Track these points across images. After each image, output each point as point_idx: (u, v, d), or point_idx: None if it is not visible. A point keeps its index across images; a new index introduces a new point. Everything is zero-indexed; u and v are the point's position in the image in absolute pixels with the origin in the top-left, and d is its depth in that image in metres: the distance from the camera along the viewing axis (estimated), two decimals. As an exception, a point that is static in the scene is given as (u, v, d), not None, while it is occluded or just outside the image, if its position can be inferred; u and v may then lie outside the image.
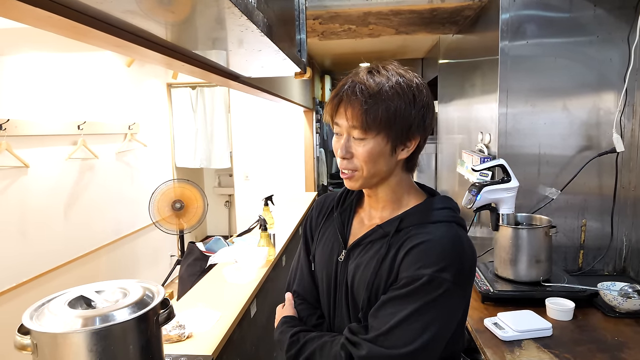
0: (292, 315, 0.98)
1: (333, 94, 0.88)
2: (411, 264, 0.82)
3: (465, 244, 0.85)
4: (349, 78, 0.87)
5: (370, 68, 0.87)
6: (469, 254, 0.85)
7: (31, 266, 2.72)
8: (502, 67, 1.83)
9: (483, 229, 2.15)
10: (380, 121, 0.83)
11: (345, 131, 0.87)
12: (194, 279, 2.31)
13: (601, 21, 1.77)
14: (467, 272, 0.84)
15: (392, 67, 0.87)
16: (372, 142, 0.85)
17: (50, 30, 0.88)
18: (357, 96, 0.83)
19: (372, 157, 0.85)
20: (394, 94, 0.83)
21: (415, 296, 0.80)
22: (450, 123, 2.93)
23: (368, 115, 0.82)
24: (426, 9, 2.07)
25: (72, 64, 3.17)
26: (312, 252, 1.03)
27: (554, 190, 1.84)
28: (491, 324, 1.39)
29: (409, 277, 0.81)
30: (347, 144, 0.87)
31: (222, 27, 0.97)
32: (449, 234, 0.85)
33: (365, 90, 0.83)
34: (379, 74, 0.85)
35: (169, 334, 1.37)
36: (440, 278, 0.79)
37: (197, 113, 5.15)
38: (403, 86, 0.84)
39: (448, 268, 0.80)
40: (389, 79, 0.84)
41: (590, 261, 1.87)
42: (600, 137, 1.82)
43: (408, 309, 0.79)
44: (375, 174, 0.88)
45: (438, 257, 0.81)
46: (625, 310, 1.45)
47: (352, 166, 0.88)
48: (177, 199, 3.77)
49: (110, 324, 0.84)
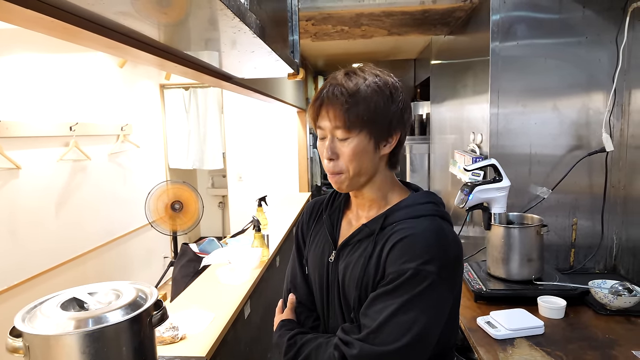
0: (290, 318, 0.99)
1: (314, 99, 0.91)
2: (396, 258, 0.83)
3: (449, 236, 0.86)
4: (327, 82, 0.91)
5: (347, 71, 0.91)
6: (453, 246, 0.86)
7: (23, 268, 2.70)
8: (493, 67, 1.85)
9: (475, 228, 2.17)
10: (362, 118, 0.86)
11: (329, 132, 0.89)
12: (187, 280, 2.30)
13: (590, 22, 1.80)
14: (453, 264, 0.85)
15: (367, 68, 0.91)
16: (355, 140, 0.87)
17: (40, 31, 0.87)
18: (338, 97, 0.86)
19: (357, 155, 0.87)
20: (372, 91, 0.86)
21: (401, 290, 0.81)
22: (442, 123, 2.95)
23: (350, 113, 0.85)
24: (418, 10, 2.08)
25: (64, 64, 3.15)
26: (304, 255, 1.05)
27: (545, 189, 1.85)
28: (484, 323, 1.40)
29: (394, 272, 0.82)
30: (332, 145, 0.89)
31: (214, 29, 0.97)
32: (432, 227, 0.86)
33: (345, 91, 0.86)
34: (355, 75, 0.89)
35: (163, 336, 1.37)
36: (424, 271, 0.80)
37: (190, 114, 5.13)
38: (380, 84, 0.88)
39: (432, 261, 0.81)
40: (366, 79, 0.88)
41: (581, 259, 1.89)
42: (590, 136, 1.84)
43: (395, 304, 0.80)
44: (361, 172, 0.89)
45: (422, 250, 0.82)
46: (615, 308, 1.47)
47: (338, 169, 0.89)
48: (176, 200, 3.76)
49: (103, 326, 0.84)
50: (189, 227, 3.83)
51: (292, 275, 1.06)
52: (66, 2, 0.76)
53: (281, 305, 1.04)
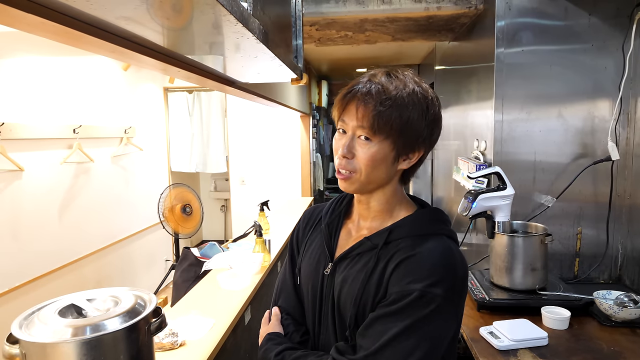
0: (277, 332, 0.94)
1: (345, 91, 0.84)
2: (401, 278, 0.79)
3: (457, 257, 0.82)
4: (365, 77, 0.84)
5: (388, 71, 0.84)
6: (460, 268, 0.82)
7: (25, 270, 2.70)
8: (498, 74, 1.84)
9: (479, 236, 2.15)
10: (391, 126, 0.79)
11: (351, 130, 0.83)
12: (188, 285, 2.29)
13: (596, 30, 1.78)
14: (460, 288, 0.81)
15: (408, 73, 0.84)
16: (377, 146, 0.81)
17: (43, 36, 0.87)
18: (373, 96, 0.80)
19: (374, 161, 0.82)
20: (409, 101, 0.80)
21: (405, 313, 0.76)
22: (446, 129, 2.94)
23: (380, 118, 0.79)
24: (422, 16, 2.07)
25: (68, 67, 3.16)
26: (297, 265, 0.99)
27: (549, 197, 1.84)
28: (487, 333, 1.39)
29: (398, 293, 0.78)
30: (351, 144, 0.83)
31: (218, 34, 0.97)
32: (439, 247, 0.81)
33: (383, 92, 0.80)
34: (396, 78, 0.82)
35: (162, 342, 1.36)
36: (431, 293, 0.75)
37: (194, 117, 5.14)
38: (419, 96, 0.82)
39: (439, 283, 0.76)
40: (406, 85, 0.81)
41: (585, 269, 1.87)
42: (595, 144, 1.83)
43: (398, 327, 0.76)
44: (373, 180, 0.85)
45: (429, 271, 0.77)
46: (621, 320, 1.45)
47: (351, 167, 0.84)
48: (187, 203, 3.77)
49: (100, 334, 0.83)
50: (192, 232, 3.84)
51: (282, 285, 1.01)
52: (69, 6, 0.75)
53: (267, 316, 0.99)
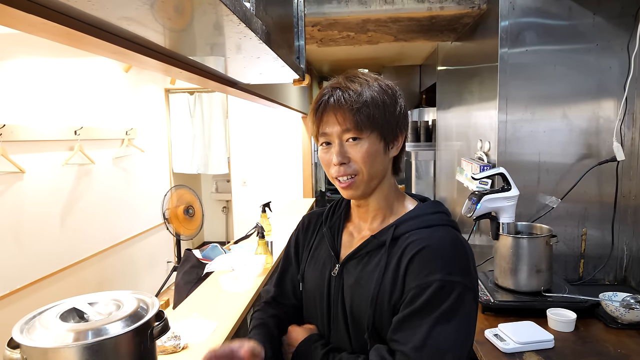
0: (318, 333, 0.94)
1: (314, 107, 0.88)
2: (418, 271, 0.80)
3: (465, 245, 0.85)
4: (328, 88, 0.88)
5: (347, 75, 0.88)
6: (470, 254, 0.84)
7: (26, 273, 2.69)
8: (502, 74, 1.83)
9: (483, 237, 2.13)
10: (373, 118, 0.83)
11: (337, 137, 0.85)
12: (190, 287, 2.28)
13: (601, 29, 1.77)
14: (474, 273, 0.83)
15: (365, 73, 0.90)
16: (367, 141, 0.84)
17: (44, 36, 0.86)
18: (346, 99, 0.84)
19: (370, 156, 0.84)
20: (379, 92, 0.85)
21: (431, 306, 0.76)
22: (448, 130, 2.92)
23: (361, 114, 0.83)
24: (425, 16, 2.06)
25: (69, 69, 3.16)
26: (301, 271, 1.01)
27: (554, 198, 1.82)
28: (492, 335, 1.37)
29: (418, 287, 0.78)
30: (342, 150, 0.85)
31: (220, 35, 0.96)
32: (448, 237, 0.84)
33: (353, 93, 0.84)
34: (357, 78, 0.87)
35: (164, 345, 1.35)
36: (451, 282, 0.77)
37: (195, 118, 5.14)
38: (384, 86, 0.87)
39: (456, 271, 0.79)
40: (368, 82, 0.86)
41: (590, 270, 1.85)
42: (600, 145, 1.81)
43: (429, 322, 0.75)
44: (374, 175, 0.87)
45: (444, 261, 0.79)
46: (627, 322, 1.43)
47: (351, 170, 0.85)
48: (190, 205, 3.76)
49: (102, 338, 0.82)
50: (194, 233, 3.83)
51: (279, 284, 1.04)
52: (70, 7, 0.74)
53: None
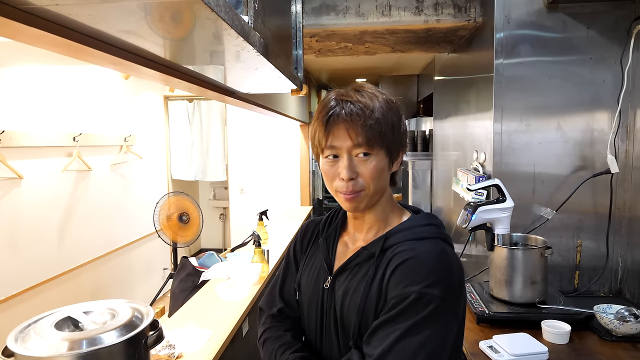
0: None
1: (321, 118, 0.85)
2: (398, 282, 0.80)
3: (452, 259, 0.83)
4: (337, 99, 0.85)
5: (356, 88, 0.88)
6: (456, 269, 0.83)
7: (22, 279, 2.68)
8: (497, 85, 1.85)
9: (478, 248, 2.14)
10: (384, 135, 0.84)
11: (346, 152, 0.84)
12: (185, 295, 2.27)
13: (594, 43, 1.79)
14: (457, 288, 0.82)
15: (370, 86, 0.90)
16: (376, 158, 0.84)
17: (44, 48, 0.87)
18: (358, 114, 0.82)
19: (378, 173, 0.85)
20: (387, 109, 0.85)
21: (405, 315, 0.77)
22: (445, 140, 2.94)
23: (373, 130, 0.82)
24: (422, 28, 2.09)
25: (68, 76, 3.17)
26: (297, 280, 1.01)
27: (549, 210, 1.83)
28: (486, 347, 1.37)
29: (397, 297, 0.79)
30: (352, 164, 0.84)
31: (218, 47, 0.97)
32: (435, 249, 0.83)
33: (365, 107, 0.83)
34: (366, 92, 0.86)
35: (159, 354, 1.34)
36: (429, 295, 0.76)
37: (194, 125, 5.15)
38: (389, 103, 0.87)
39: (436, 284, 0.77)
40: (377, 96, 0.86)
41: (585, 282, 1.86)
42: (594, 157, 1.83)
43: (399, 330, 0.76)
44: (378, 190, 0.87)
45: (425, 273, 0.78)
46: (621, 334, 1.43)
47: (359, 187, 0.85)
48: (183, 212, 3.76)
49: (96, 348, 0.82)
50: (191, 240, 3.82)
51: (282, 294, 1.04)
52: (70, 19, 0.76)
53: None
